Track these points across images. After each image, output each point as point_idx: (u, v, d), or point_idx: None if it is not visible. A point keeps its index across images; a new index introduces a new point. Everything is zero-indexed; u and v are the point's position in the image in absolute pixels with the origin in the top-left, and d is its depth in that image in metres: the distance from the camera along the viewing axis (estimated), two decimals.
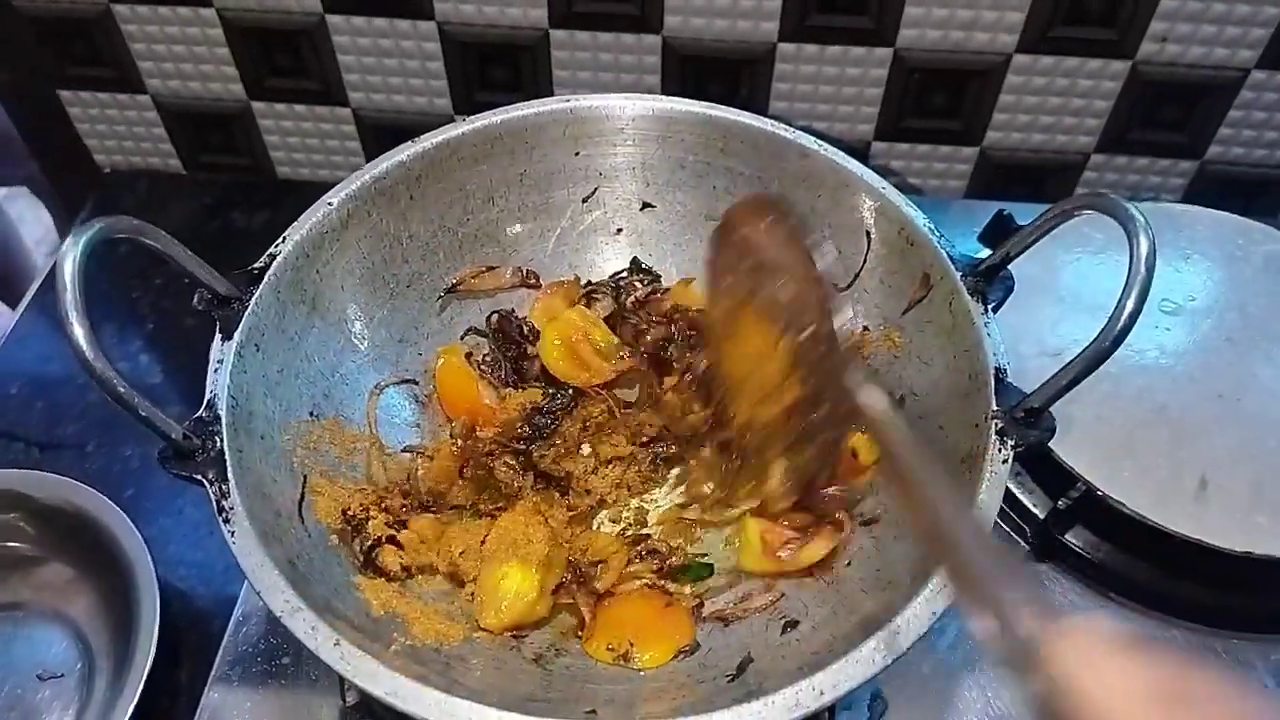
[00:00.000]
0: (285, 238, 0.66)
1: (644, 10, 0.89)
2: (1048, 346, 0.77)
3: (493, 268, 0.78)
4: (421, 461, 0.70)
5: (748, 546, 0.67)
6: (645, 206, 0.80)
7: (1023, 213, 0.75)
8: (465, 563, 0.65)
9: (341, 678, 0.49)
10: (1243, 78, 0.90)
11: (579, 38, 0.92)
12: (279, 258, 0.64)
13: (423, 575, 0.65)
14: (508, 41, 0.93)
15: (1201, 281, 0.83)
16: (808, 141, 0.72)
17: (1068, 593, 0.74)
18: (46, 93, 1.02)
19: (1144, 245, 0.53)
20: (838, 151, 0.72)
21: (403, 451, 0.71)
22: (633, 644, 0.62)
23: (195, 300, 0.61)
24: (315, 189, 0.69)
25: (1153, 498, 0.70)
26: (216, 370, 0.59)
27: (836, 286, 0.57)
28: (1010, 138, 0.97)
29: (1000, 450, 0.56)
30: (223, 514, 0.53)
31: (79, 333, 0.48)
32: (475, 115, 0.74)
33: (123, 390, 0.50)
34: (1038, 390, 0.57)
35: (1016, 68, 0.91)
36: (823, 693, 0.48)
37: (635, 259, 0.81)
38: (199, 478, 0.54)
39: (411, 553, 0.64)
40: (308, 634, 0.50)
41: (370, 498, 0.65)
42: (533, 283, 0.79)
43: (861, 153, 0.99)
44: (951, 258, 0.65)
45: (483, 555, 0.65)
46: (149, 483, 0.82)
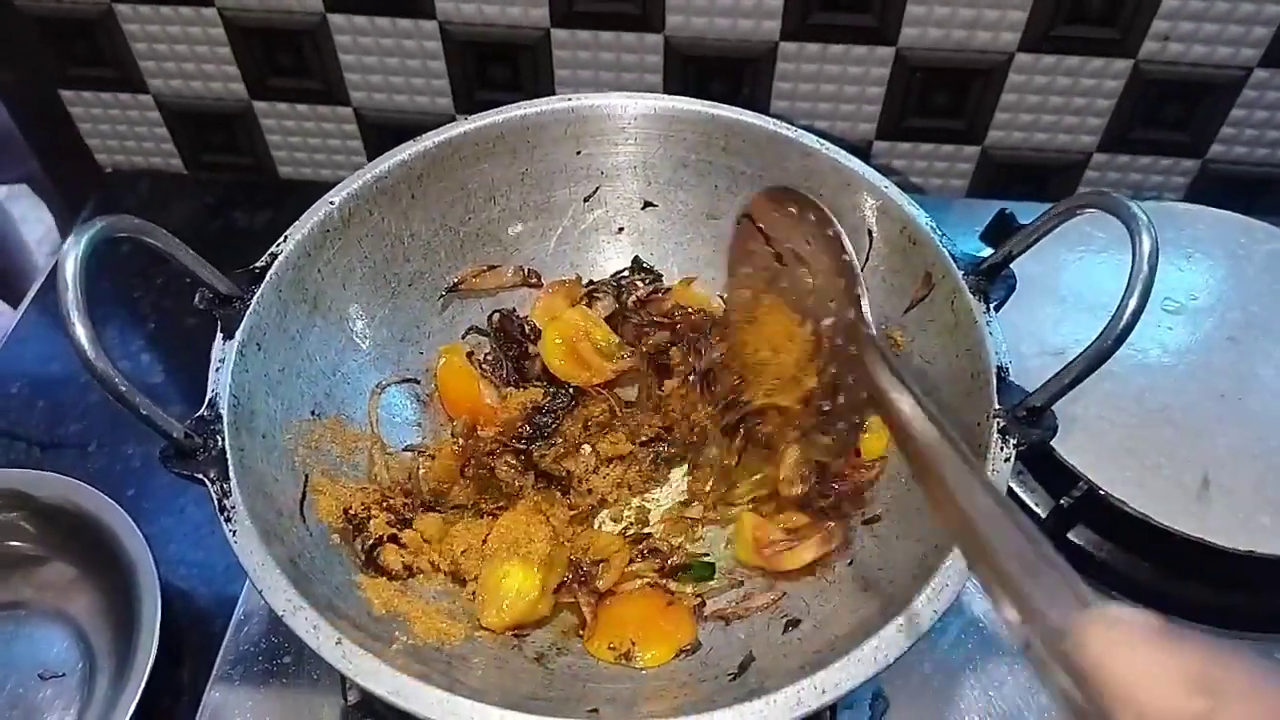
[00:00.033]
0: (287, 237, 0.66)
1: (645, 9, 0.89)
2: (1050, 345, 0.77)
3: (494, 267, 0.78)
4: (423, 461, 0.70)
5: (741, 537, 0.68)
6: (647, 205, 0.80)
7: (1025, 211, 0.75)
8: (467, 562, 0.65)
9: (343, 677, 0.50)
10: (1245, 77, 0.90)
11: (580, 37, 0.92)
12: (280, 257, 0.64)
13: (424, 574, 0.64)
14: (509, 41, 0.93)
15: (1204, 280, 0.83)
16: (810, 140, 0.72)
17: None
18: (48, 93, 1.02)
19: (1146, 244, 0.52)
20: (840, 150, 0.72)
21: (404, 451, 0.71)
22: (634, 643, 0.62)
23: (197, 299, 0.61)
24: (317, 188, 0.69)
25: (1155, 497, 0.70)
26: (218, 369, 0.59)
27: (857, 279, 0.57)
28: (1012, 136, 0.97)
29: (1002, 449, 0.56)
30: (224, 513, 0.53)
31: (80, 332, 0.48)
32: (477, 114, 0.74)
33: (124, 389, 0.50)
34: (1040, 389, 0.57)
35: (1019, 66, 0.91)
36: (824, 691, 0.48)
37: (637, 258, 0.81)
38: (200, 477, 0.54)
39: (414, 552, 0.64)
40: (309, 633, 0.50)
41: (372, 497, 0.65)
42: (534, 282, 0.79)
43: (863, 152, 0.99)
44: (953, 256, 0.65)
45: (484, 554, 0.65)
46: (150, 482, 0.82)
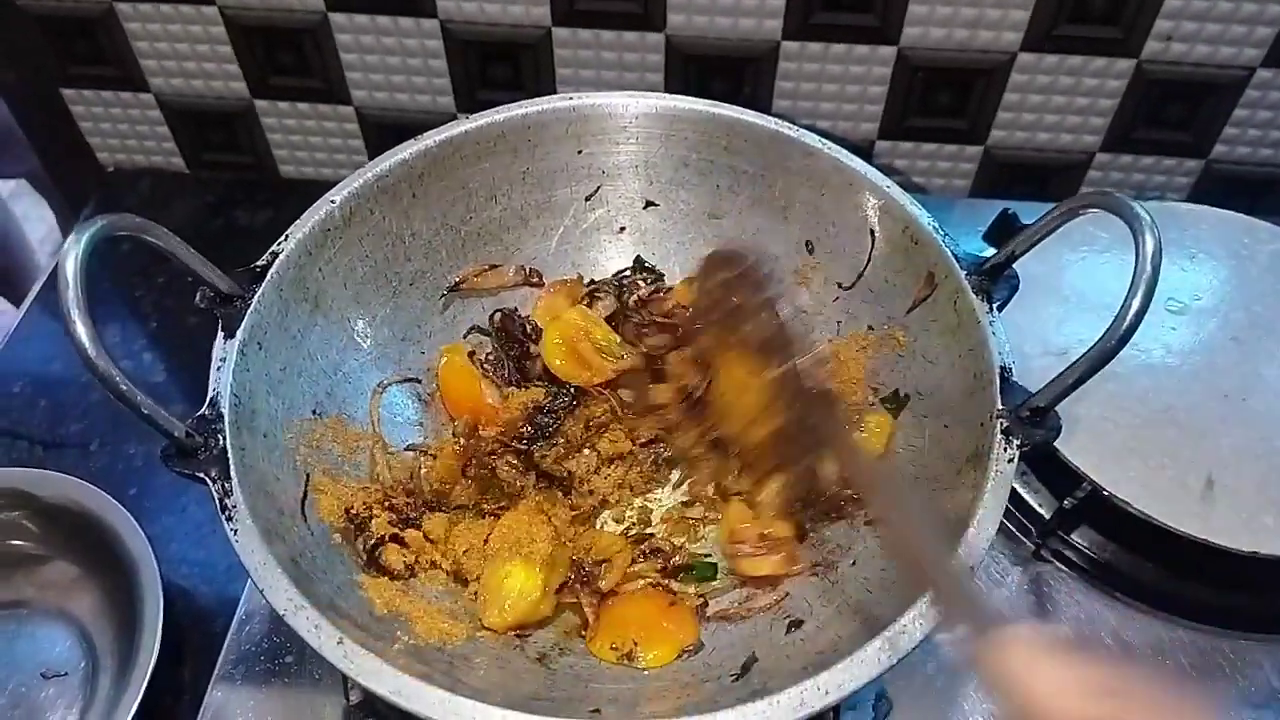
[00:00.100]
0: (288, 236, 0.66)
1: (647, 8, 0.89)
2: (1053, 346, 0.77)
3: (495, 266, 0.78)
4: (425, 460, 0.70)
5: (723, 523, 0.69)
6: (648, 205, 0.80)
7: (1027, 212, 0.75)
8: (469, 562, 0.65)
9: (345, 676, 0.49)
10: (1248, 76, 0.90)
11: (581, 36, 0.92)
12: (281, 256, 0.64)
13: (426, 574, 0.64)
14: (510, 40, 0.93)
15: (1207, 281, 0.83)
16: (812, 140, 0.72)
17: (1073, 593, 0.73)
18: (50, 91, 1.02)
19: (1150, 244, 0.52)
20: (842, 150, 0.72)
21: (406, 450, 0.71)
22: (636, 643, 0.62)
23: (198, 298, 0.61)
24: (318, 187, 0.69)
25: (1158, 497, 0.69)
26: (219, 368, 0.59)
27: (798, 335, 0.66)
28: (1015, 136, 0.97)
29: (1005, 449, 0.56)
30: (225, 512, 0.53)
31: (81, 330, 0.48)
32: (478, 113, 0.74)
33: (125, 388, 0.50)
34: (1043, 389, 0.57)
35: (1021, 66, 0.91)
36: (827, 692, 0.48)
37: (638, 257, 0.80)
38: (202, 476, 0.54)
39: (416, 551, 0.64)
40: (311, 632, 0.50)
41: (374, 496, 0.65)
42: (535, 281, 0.79)
43: (866, 151, 0.99)
44: (956, 256, 0.65)
45: (486, 554, 0.65)
46: (152, 481, 0.82)
